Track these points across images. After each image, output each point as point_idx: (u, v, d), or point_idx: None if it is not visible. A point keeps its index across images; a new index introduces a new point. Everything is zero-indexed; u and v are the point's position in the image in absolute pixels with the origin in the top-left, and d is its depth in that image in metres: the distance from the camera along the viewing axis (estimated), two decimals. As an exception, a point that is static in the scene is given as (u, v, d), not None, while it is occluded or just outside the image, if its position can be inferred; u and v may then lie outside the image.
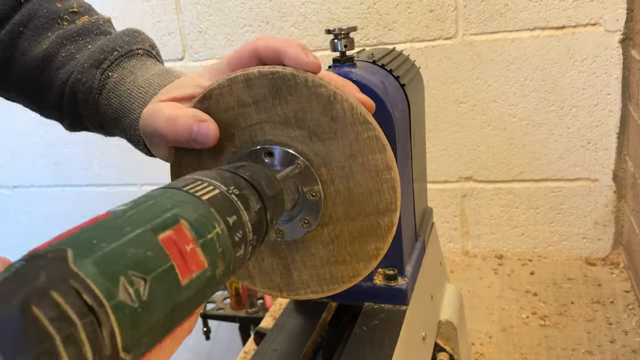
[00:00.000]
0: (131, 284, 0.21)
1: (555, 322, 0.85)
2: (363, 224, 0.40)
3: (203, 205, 0.27)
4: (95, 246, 0.21)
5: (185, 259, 0.24)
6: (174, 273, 0.23)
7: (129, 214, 0.24)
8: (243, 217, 0.29)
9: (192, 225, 0.25)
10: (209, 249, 0.25)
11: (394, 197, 0.38)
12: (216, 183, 0.29)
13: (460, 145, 1.04)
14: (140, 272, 0.21)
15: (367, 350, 0.45)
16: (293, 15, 1.07)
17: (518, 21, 0.95)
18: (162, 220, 0.24)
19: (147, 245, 0.22)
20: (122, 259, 0.21)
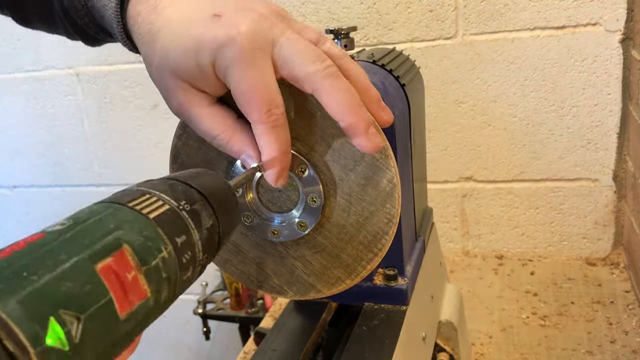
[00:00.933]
0: (62, 324, 0.19)
1: (555, 322, 0.85)
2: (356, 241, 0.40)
3: (149, 225, 0.24)
4: (24, 280, 0.19)
5: (125, 290, 0.22)
6: (112, 308, 0.21)
7: (66, 236, 0.22)
8: (193, 236, 0.27)
9: (135, 250, 0.23)
10: (153, 276, 0.23)
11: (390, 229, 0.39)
12: (166, 197, 0.27)
13: (460, 145, 1.04)
14: (74, 310, 0.19)
15: (367, 351, 0.45)
16: (293, 15, 1.07)
17: (518, 21, 0.95)
18: (102, 246, 0.22)
19: (84, 277, 0.20)
20: (54, 296, 0.19)
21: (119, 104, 1.24)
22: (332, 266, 0.42)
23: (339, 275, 0.42)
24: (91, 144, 1.32)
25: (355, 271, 0.41)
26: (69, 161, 1.35)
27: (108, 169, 1.33)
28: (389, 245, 0.40)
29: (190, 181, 0.29)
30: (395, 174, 0.38)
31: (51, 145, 1.35)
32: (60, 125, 1.31)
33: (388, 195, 0.38)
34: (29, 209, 1.45)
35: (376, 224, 0.39)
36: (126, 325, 0.22)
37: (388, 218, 0.39)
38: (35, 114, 1.32)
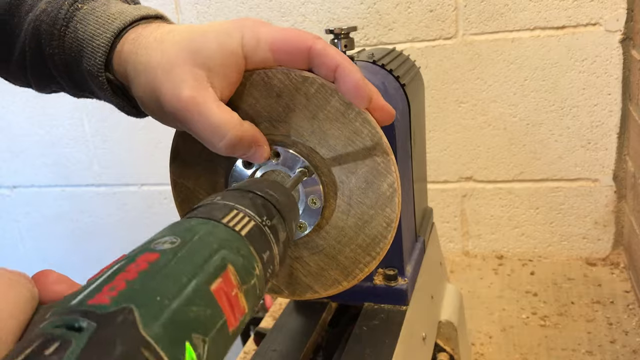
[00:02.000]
0: (195, 347, 0.21)
1: (555, 323, 0.85)
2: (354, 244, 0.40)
3: (244, 244, 0.26)
4: (159, 305, 0.20)
5: (233, 309, 0.24)
6: (226, 327, 0.23)
7: (178, 256, 0.23)
8: (274, 250, 0.29)
9: (237, 270, 0.25)
10: (250, 295, 0.25)
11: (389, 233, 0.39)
12: (251, 213, 0.28)
13: (460, 145, 1.04)
14: (201, 334, 0.21)
15: (367, 351, 0.45)
16: (293, 15, 1.07)
17: (518, 21, 0.95)
18: (213, 267, 0.23)
19: (205, 301, 0.22)
20: (187, 322, 0.21)
21: (119, 104, 1.23)
22: (329, 268, 0.42)
23: (335, 277, 0.42)
24: (91, 144, 1.32)
25: (352, 273, 0.41)
26: (69, 161, 1.35)
27: (108, 169, 1.33)
28: (387, 249, 0.40)
29: (266, 195, 0.30)
30: (396, 178, 0.38)
31: (51, 145, 1.35)
32: (60, 125, 1.31)
33: (388, 199, 0.38)
34: (29, 209, 1.45)
35: (375, 228, 0.39)
36: (231, 340, 0.24)
37: (387, 222, 0.39)
38: (35, 114, 1.32)
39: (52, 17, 0.41)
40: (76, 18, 0.41)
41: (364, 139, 0.37)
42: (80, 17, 0.41)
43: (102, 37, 0.40)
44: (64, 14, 0.41)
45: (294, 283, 0.43)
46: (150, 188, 1.32)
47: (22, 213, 1.46)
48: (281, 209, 0.30)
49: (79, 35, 0.41)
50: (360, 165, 0.38)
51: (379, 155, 0.37)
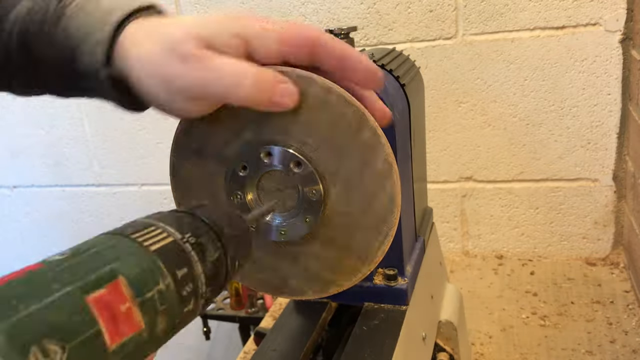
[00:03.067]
0: (45, 354, 0.19)
1: (555, 322, 0.85)
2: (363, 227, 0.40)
3: (149, 258, 0.25)
4: (12, 309, 0.19)
5: (116, 322, 0.22)
6: (100, 339, 0.21)
7: (63, 266, 0.22)
8: (196, 269, 0.27)
9: (130, 282, 0.23)
10: (147, 309, 0.24)
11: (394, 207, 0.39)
12: (170, 230, 0.27)
13: (460, 145, 1.04)
14: (59, 340, 0.19)
15: (367, 351, 0.45)
16: (293, 15, 1.07)
17: (518, 21, 0.95)
18: (96, 277, 0.22)
19: (72, 307, 0.20)
20: (39, 325, 0.19)
21: (119, 104, 1.23)
22: (345, 257, 0.41)
23: (354, 264, 0.41)
24: (91, 144, 1.32)
25: (369, 257, 0.41)
26: (69, 161, 1.35)
27: (108, 169, 1.33)
28: (397, 223, 0.39)
29: (199, 213, 0.29)
30: (389, 153, 0.38)
31: (51, 145, 1.35)
32: (60, 125, 1.31)
33: (386, 175, 0.38)
34: (29, 209, 1.45)
35: (380, 206, 0.39)
36: (115, 356, 0.22)
37: (390, 197, 0.38)
38: (35, 114, 1.32)
39: (41, 16, 0.40)
40: (67, 14, 0.40)
41: (349, 120, 0.37)
42: (70, 12, 0.39)
43: (101, 32, 0.38)
44: (52, 10, 0.40)
45: (315, 280, 0.43)
46: (150, 188, 1.32)
47: (22, 213, 1.46)
48: (216, 228, 0.29)
49: (72, 32, 0.39)
50: (350, 147, 0.38)
51: (366, 132, 0.37)
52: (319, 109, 0.37)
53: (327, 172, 0.39)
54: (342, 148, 0.38)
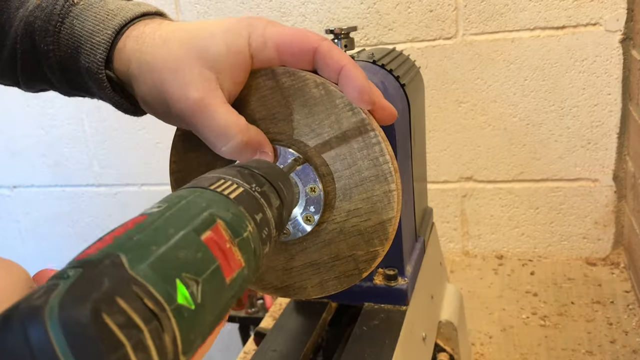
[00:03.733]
0: (187, 286, 0.21)
1: (555, 323, 0.85)
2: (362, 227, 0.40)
3: (233, 204, 0.26)
4: (146, 250, 0.21)
5: (227, 258, 0.24)
6: (220, 273, 0.23)
7: (166, 215, 0.23)
8: (267, 214, 0.29)
9: (228, 224, 0.25)
10: (244, 248, 0.25)
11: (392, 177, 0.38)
12: (239, 181, 0.29)
13: (460, 145, 1.04)
14: (193, 274, 0.21)
15: (367, 351, 0.45)
16: (293, 15, 1.07)
17: (518, 21, 0.95)
18: (201, 221, 0.24)
19: (194, 246, 0.22)
20: (175, 262, 0.21)
21: (119, 104, 1.23)
22: (345, 257, 0.41)
23: (353, 264, 0.41)
24: (91, 144, 1.32)
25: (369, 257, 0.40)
26: (69, 161, 1.35)
27: (108, 169, 1.33)
28: (397, 224, 0.39)
29: (253, 167, 0.31)
30: (389, 152, 0.37)
31: (51, 145, 1.35)
32: (60, 125, 1.31)
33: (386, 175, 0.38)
34: (29, 209, 1.45)
35: (380, 206, 0.39)
36: (230, 290, 0.24)
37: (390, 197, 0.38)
38: (35, 114, 1.32)
39: (47, 13, 0.41)
40: (72, 14, 0.40)
41: (350, 120, 0.37)
42: (77, 12, 0.40)
43: (102, 33, 0.39)
44: (59, 10, 0.40)
45: (315, 279, 0.43)
46: (150, 188, 1.32)
47: (22, 213, 1.46)
48: (271, 180, 0.31)
49: (76, 32, 0.40)
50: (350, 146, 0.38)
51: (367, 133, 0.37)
52: (319, 110, 0.38)
53: (328, 171, 0.39)
54: (342, 148, 0.38)
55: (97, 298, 0.17)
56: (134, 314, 0.18)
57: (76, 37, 0.40)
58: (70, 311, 0.17)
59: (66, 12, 0.40)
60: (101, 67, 0.39)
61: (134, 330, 0.18)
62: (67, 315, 0.17)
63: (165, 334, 0.19)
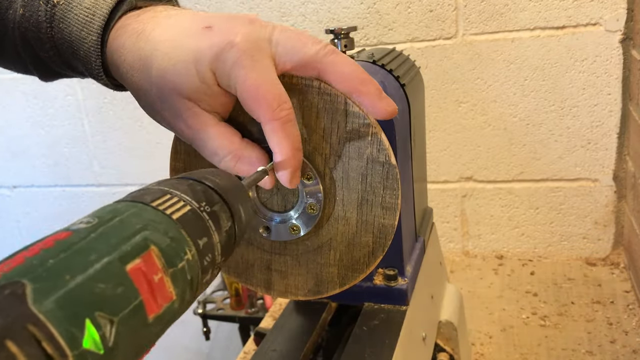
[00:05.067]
0: (98, 327, 0.18)
1: (555, 323, 0.85)
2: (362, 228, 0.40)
3: (174, 226, 0.24)
4: (57, 280, 0.18)
5: (153, 293, 0.21)
6: (142, 311, 0.21)
7: (92, 236, 0.21)
8: (214, 238, 0.26)
9: (163, 252, 0.22)
10: (178, 279, 0.23)
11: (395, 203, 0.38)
12: (187, 198, 0.26)
13: (460, 145, 1.04)
14: (108, 313, 0.19)
15: (367, 351, 0.45)
16: (293, 15, 1.07)
17: (518, 21, 0.95)
18: (131, 246, 0.21)
19: (116, 279, 0.20)
20: (89, 297, 0.19)
21: (119, 104, 1.23)
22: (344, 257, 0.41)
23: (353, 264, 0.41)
24: (91, 144, 1.32)
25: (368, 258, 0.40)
26: (69, 161, 1.35)
27: (108, 169, 1.33)
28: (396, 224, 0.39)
29: (208, 182, 0.28)
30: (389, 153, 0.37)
31: (51, 145, 1.35)
32: (60, 125, 1.31)
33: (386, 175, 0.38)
34: (29, 209, 1.45)
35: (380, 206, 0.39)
36: (153, 328, 0.22)
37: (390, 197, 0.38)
38: (35, 114, 1.32)
39: (34, 23, 0.40)
40: (57, 17, 0.39)
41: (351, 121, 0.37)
42: (60, 15, 0.39)
43: (88, 40, 0.38)
44: (43, 16, 0.39)
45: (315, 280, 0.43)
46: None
47: (22, 213, 1.46)
48: (226, 197, 0.28)
49: (66, 37, 0.39)
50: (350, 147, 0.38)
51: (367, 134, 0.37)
52: (319, 110, 0.37)
53: (327, 171, 0.39)
54: (342, 148, 0.38)
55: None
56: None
57: (68, 43, 0.40)
58: None
59: (51, 17, 0.40)
60: (100, 73, 0.39)
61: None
62: None
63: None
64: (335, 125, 0.38)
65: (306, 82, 0.37)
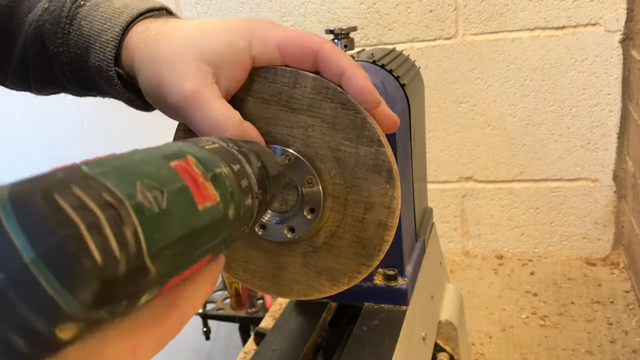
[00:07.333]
0: (149, 190, 0.20)
1: (555, 322, 0.85)
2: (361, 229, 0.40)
3: (206, 151, 0.25)
4: (108, 162, 0.20)
5: (198, 186, 0.22)
6: (189, 194, 0.22)
7: (136, 152, 0.22)
8: (246, 168, 0.28)
9: (199, 160, 0.24)
10: (219, 184, 0.24)
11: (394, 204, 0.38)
12: (216, 140, 0.28)
13: (460, 145, 1.04)
14: (157, 184, 0.20)
15: (367, 351, 0.45)
16: (293, 15, 1.07)
17: (518, 21, 0.95)
18: (170, 152, 0.23)
19: (161, 165, 0.21)
20: (138, 171, 0.20)
21: (119, 104, 1.23)
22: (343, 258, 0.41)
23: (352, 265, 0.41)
24: (91, 144, 1.32)
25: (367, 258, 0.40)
26: (68, 161, 1.35)
27: (108, 169, 1.33)
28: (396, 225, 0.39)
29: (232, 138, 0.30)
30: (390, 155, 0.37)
31: (51, 145, 1.35)
32: (60, 125, 1.31)
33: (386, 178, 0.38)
34: (29, 209, 1.45)
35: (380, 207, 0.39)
36: (204, 218, 0.22)
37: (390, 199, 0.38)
38: (35, 114, 1.32)
39: (55, 16, 0.41)
40: (80, 15, 0.41)
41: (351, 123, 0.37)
42: (84, 13, 0.41)
43: (110, 31, 0.39)
44: (67, 12, 0.41)
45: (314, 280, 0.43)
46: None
47: (22, 213, 1.46)
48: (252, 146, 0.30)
49: (85, 32, 0.40)
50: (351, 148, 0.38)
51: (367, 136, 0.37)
52: (320, 111, 0.37)
53: (327, 173, 0.39)
54: (343, 150, 0.38)
55: (49, 182, 0.17)
56: (89, 200, 0.17)
57: (85, 37, 0.40)
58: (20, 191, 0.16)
59: (74, 14, 0.41)
60: (110, 64, 0.40)
61: (88, 212, 0.17)
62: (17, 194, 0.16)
63: (125, 227, 0.18)
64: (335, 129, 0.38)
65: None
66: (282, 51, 0.37)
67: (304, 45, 0.36)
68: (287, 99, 0.38)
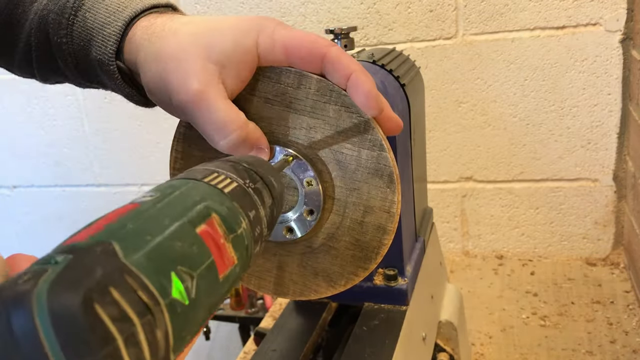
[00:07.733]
0: (182, 280, 0.20)
1: (555, 323, 0.85)
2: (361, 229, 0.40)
3: (227, 199, 0.25)
4: (140, 239, 0.19)
5: (221, 254, 0.23)
6: (214, 269, 0.22)
7: (159, 205, 0.22)
8: (260, 212, 0.28)
9: (223, 219, 0.24)
10: (238, 245, 0.24)
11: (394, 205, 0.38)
12: (233, 176, 0.28)
13: (460, 145, 1.04)
14: (188, 268, 0.20)
15: (367, 351, 0.45)
16: (293, 15, 1.07)
17: (518, 21, 0.95)
18: (196, 213, 0.23)
19: (190, 239, 0.21)
20: (171, 254, 0.20)
21: (119, 104, 1.23)
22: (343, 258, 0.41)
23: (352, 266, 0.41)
24: (91, 144, 1.32)
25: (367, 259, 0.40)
26: (69, 161, 1.35)
27: (108, 169, 1.33)
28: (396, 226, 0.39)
29: (246, 164, 0.30)
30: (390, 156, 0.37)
31: (51, 145, 1.35)
32: (60, 125, 1.31)
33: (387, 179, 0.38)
34: (29, 209, 1.45)
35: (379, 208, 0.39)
36: (223, 287, 0.23)
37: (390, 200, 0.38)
38: (35, 114, 1.32)
39: (60, 6, 0.41)
40: (85, 6, 0.41)
41: (352, 124, 0.37)
42: (89, 5, 0.41)
43: (113, 25, 0.39)
44: (72, 3, 0.41)
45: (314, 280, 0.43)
46: (150, 188, 1.32)
47: (22, 213, 1.46)
48: (264, 176, 0.30)
49: (89, 24, 0.40)
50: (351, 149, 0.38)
51: (368, 137, 0.37)
52: (324, 113, 0.37)
53: (328, 175, 0.39)
54: (344, 152, 0.38)
55: (89, 287, 0.16)
56: (127, 306, 0.17)
57: (88, 30, 0.40)
58: (60, 298, 0.16)
59: (79, 5, 0.41)
60: (112, 58, 0.40)
61: (127, 323, 0.17)
62: (57, 302, 0.16)
63: (158, 330, 0.18)
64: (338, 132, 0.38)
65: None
66: (288, 52, 0.36)
67: (311, 48, 0.36)
68: (290, 99, 0.38)
